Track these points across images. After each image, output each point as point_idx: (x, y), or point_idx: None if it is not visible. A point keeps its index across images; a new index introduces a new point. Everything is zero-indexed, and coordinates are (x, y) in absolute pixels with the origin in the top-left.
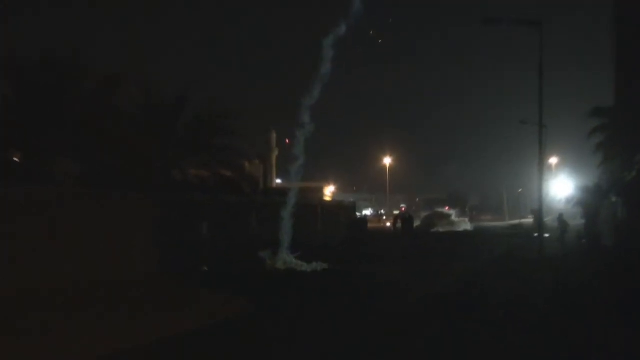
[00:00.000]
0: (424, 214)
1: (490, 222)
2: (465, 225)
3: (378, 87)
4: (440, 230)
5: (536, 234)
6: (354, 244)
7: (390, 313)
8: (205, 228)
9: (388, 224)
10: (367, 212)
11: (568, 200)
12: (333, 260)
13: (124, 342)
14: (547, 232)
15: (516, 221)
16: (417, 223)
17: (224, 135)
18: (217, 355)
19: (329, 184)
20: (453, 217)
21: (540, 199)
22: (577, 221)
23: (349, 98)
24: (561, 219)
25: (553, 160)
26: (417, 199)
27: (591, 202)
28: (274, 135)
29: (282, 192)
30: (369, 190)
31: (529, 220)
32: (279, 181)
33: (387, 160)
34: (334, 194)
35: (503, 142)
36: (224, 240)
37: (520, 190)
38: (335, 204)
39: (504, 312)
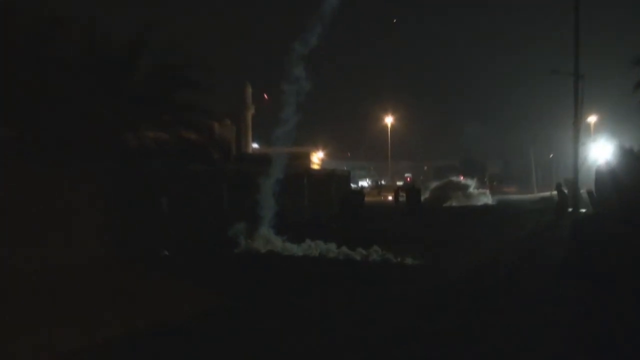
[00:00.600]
0: (434, 184)
1: (514, 195)
2: (486, 198)
3: (383, 33)
4: (454, 204)
5: (570, 209)
6: (347, 222)
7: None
8: (166, 203)
9: (390, 198)
10: (364, 183)
11: (608, 166)
12: (325, 242)
13: (57, 346)
14: (583, 207)
15: (547, 193)
16: (425, 195)
17: (189, 89)
18: None
19: (317, 149)
20: (471, 189)
21: (576, 166)
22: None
23: (347, 47)
24: (560, 189)
25: (591, 119)
26: (425, 167)
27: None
28: (249, 90)
29: (259, 158)
30: (366, 157)
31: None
32: (255, 146)
33: (389, 120)
34: (323, 162)
35: (530, 97)
36: (189, 217)
37: (551, 156)
38: (325, 174)
39: None
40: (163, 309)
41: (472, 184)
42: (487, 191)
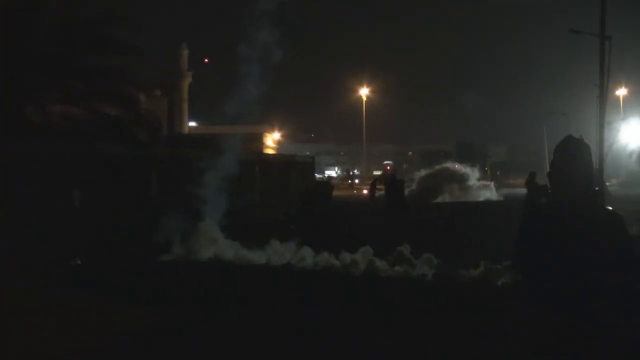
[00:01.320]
0: (421, 173)
1: (523, 188)
2: (489, 192)
3: None
4: (448, 199)
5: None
6: (310, 221)
7: None
8: (78, 196)
9: (365, 191)
10: (332, 172)
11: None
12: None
13: None
14: (609, 204)
15: None
16: (411, 187)
17: (107, 51)
18: None
19: (272, 129)
20: (471, 180)
21: (601, 152)
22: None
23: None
24: (532, 181)
25: (621, 93)
26: (410, 153)
27: None
28: (185, 54)
29: (197, 140)
30: (335, 140)
31: None
32: (192, 124)
33: (364, 92)
34: (280, 145)
35: (543, 64)
36: (108, 214)
37: None
38: (282, 160)
39: None
40: (76, 332)
41: (472, 173)
42: (492, 183)
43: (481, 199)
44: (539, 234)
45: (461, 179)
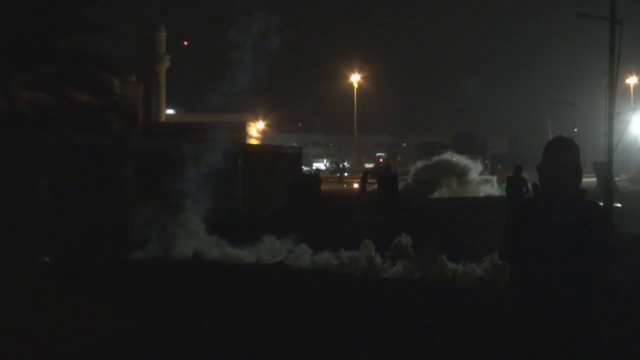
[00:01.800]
0: (417, 166)
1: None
2: (490, 187)
3: None
4: (447, 195)
5: (601, 203)
6: (298, 219)
7: None
8: (45, 190)
9: (355, 185)
10: (321, 165)
11: None
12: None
13: None
14: (618, 201)
15: None
16: (406, 180)
17: (78, 33)
18: None
19: (257, 118)
20: (472, 174)
21: (610, 144)
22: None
23: None
24: (518, 175)
25: (631, 81)
26: (405, 144)
27: None
28: (163, 37)
29: (176, 130)
30: (324, 130)
31: (590, 179)
32: (170, 112)
33: (355, 79)
34: (265, 135)
35: (548, 50)
36: (79, 209)
37: (575, 131)
38: (267, 152)
39: None
40: (48, 335)
41: (473, 166)
42: (494, 178)
43: (482, 194)
44: (526, 226)
45: (461, 172)
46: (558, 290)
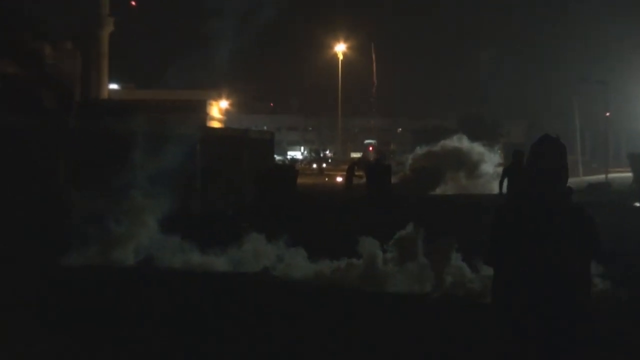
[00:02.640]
0: (416, 153)
1: None
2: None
3: None
4: (451, 192)
5: (637, 204)
6: (268, 218)
7: None
8: None
9: (339, 179)
10: (297, 153)
11: None
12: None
13: None
14: None
15: (599, 177)
16: (402, 171)
17: None
18: None
19: (220, 95)
20: (485, 165)
21: None
22: None
23: None
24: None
25: None
26: (399, 130)
27: None
28: None
29: (120, 108)
30: (302, 112)
31: (624, 174)
32: (114, 87)
33: (341, 48)
34: (229, 116)
35: (573, 17)
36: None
37: (608, 115)
38: (232, 137)
39: None
40: None
41: (489, 157)
42: None
43: (496, 192)
44: (511, 231)
45: (474, 164)
46: (550, 292)
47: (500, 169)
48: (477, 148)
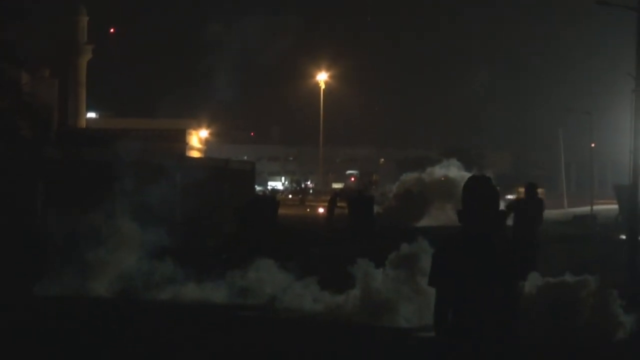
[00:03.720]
0: (401, 181)
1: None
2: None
3: None
4: (438, 223)
5: (623, 237)
6: (249, 250)
7: None
8: None
9: (321, 210)
10: (278, 183)
11: None
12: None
13: None
14: None
15: (584, 208)
16: (385, 202)
17: None
18: None
19: (199, 125)
20: None
21: (635, 163)
22: None
23: None
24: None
25: None
26: (382, 160)
27: None
28: (84, 22)
29: (98, 138)
30: (283, 141)
31: (609, 206)
32: (91, 115)
33: (322, 78)
34: (209, 145)
35: (560, 48)
36: None
37: (592, 146)
38: (212, 167)
39: None
40: None
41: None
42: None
43: None
44: (450, 259)
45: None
46: (482, 313)
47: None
48: (459, 175)
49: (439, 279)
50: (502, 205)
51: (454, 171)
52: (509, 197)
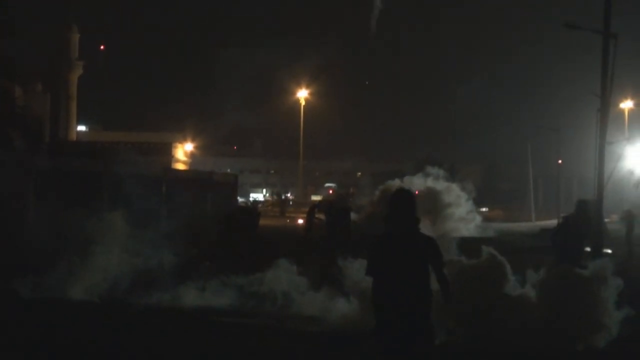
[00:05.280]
0: (382, 190)
1: (502, 223)
2: (472, 226)
3: None
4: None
5: (588, 249)
6: (230, 258)
7: None
8: None
9: (300, 221)
10: (259, 195)
11: None
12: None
13: None
14: (609, 246)
15: (552, 221)
16: (363, 212)
17: None
18: None
19: (185, 138)
20: (460, 209)
21: (600, 179)
22: None
23: None
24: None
25: (626, 106)
26: (359, 174)
27: None
28: (75, 39)
29: (88, 150)
30: (264, 155)
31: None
32: (82, 128)
33: (302, 94)
34: (194, 158)
35: (529, 68)
36: None
37: (560, 162)
38: (196, 179)
39: None
40: None
41: (461, 195)
42: (476, 216)
43: (463, 233)
44: (380, 253)
45: (442, 204)
46: (406, 292)
47: (467, 211)
48: (455, 189)
49: (374, 269)
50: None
51: (430, 181)
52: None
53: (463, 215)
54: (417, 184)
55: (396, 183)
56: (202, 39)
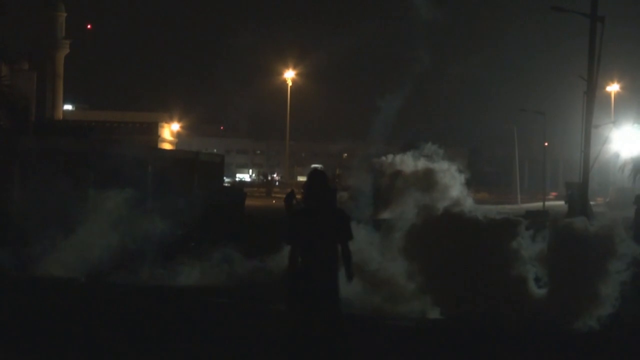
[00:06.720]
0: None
1: (488, 205)
2: (463, 202)
3: None
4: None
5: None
6: (216, 238)
7: None
8: None
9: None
10: (246, 175)
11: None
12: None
13: None
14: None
15: (537, 203)
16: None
17: None
18: None
19: (171, 118)
20: (455, 191)
21: (586, 162)
22: None
23: None
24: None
25: (612, 89)
26: (345, 155)
27: None
28: (62, 17)
29: (74, 129)
30: (251, 135)
31: (560, 202)
32: (68, 107)
33: (290, 75)
34: (180, 138)
35: (517, 50)
36: None
37: (546, 145)
38: (183, 159)
39: None
40: None
41: (456, 177)
42: (469, 198)
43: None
44: (298, 224)
45: (444, 188)
46: (317, 260)
47: (461, 188)
48: (452, 171)
49: (291, 238)
50: None
51: (423, 161)
52: None
53: (456, 197)
54: (408, 163)
55: (387, 160)
56: (190, 18)
